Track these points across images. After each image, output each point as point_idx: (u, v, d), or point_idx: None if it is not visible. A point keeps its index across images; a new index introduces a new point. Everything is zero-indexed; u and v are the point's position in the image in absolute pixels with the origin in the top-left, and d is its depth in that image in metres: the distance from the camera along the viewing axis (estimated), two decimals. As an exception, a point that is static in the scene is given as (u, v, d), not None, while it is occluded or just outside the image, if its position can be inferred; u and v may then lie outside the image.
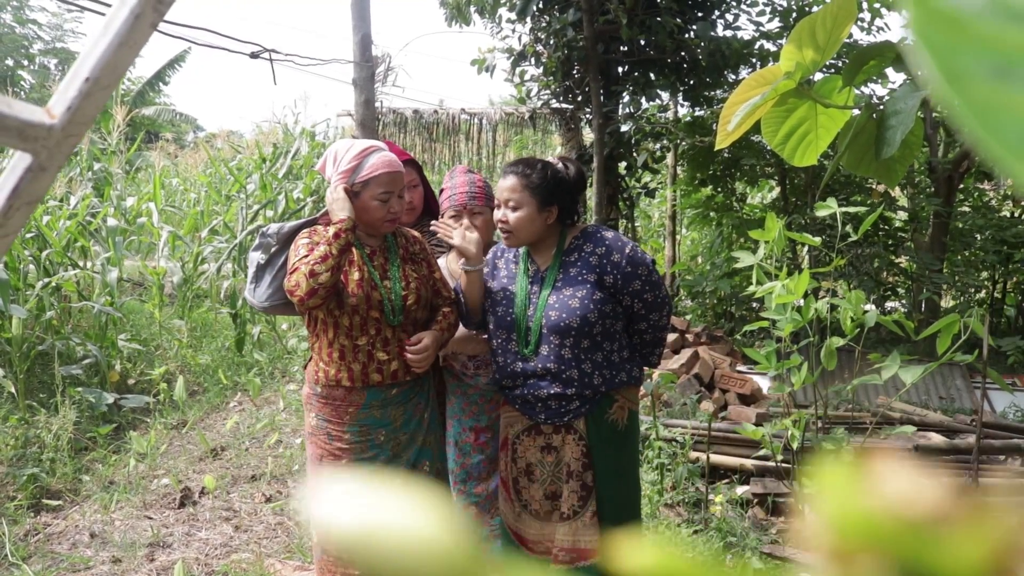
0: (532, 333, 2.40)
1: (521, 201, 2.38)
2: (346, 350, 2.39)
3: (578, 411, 2.41)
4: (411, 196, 2.96)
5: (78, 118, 0.54)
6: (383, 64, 7.31)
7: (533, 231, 2.41)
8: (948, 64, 0.22)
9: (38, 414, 4.84)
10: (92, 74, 0.53)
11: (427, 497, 0.22)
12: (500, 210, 2.42)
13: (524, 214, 2.38)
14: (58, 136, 0.54)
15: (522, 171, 2.39)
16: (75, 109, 0.54)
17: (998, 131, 0.21)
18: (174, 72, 20.37)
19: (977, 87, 0.21)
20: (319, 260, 2.29)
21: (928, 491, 0.21)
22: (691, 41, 7.97)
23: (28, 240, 6.09)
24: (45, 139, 0.53)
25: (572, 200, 2.48)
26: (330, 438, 2.43)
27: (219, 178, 9.86)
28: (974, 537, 0.21)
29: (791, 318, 3.24)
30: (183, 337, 7.01)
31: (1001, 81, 0.21)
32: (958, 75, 0.21)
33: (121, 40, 0.53)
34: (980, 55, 0.22)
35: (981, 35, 0.22)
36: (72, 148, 0.56)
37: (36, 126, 0.52)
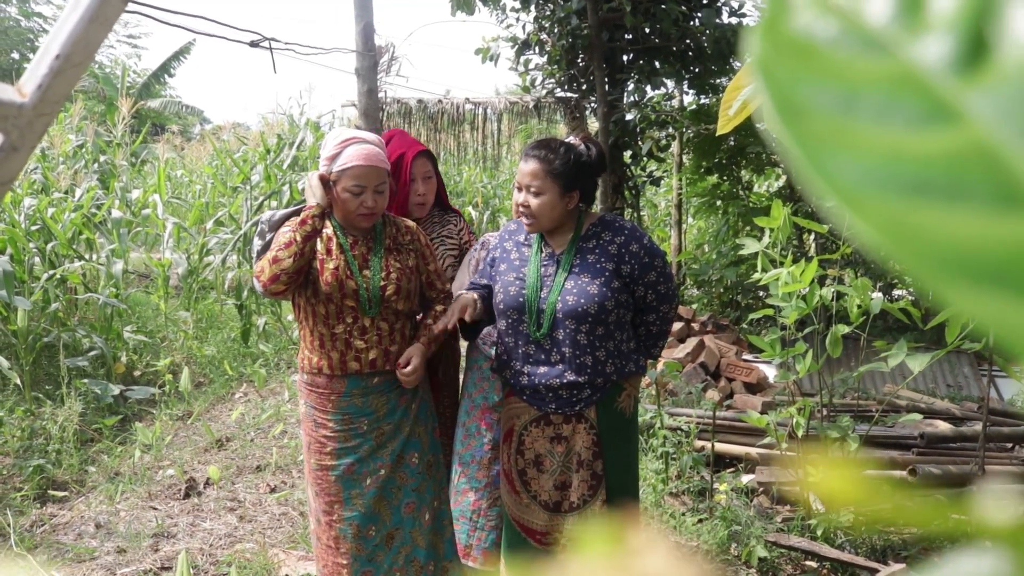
0: (545, 316, 2.38)
1: (543, 187, 2.35)
2: (325, 338, 2.39)
3: (589, 400, 2.40)
4: (425, 188, 2.89)
5: (49, 96, 0.53)
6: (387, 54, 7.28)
7: (555, 217, 2.39)
8: (786, 97, 0.20)
9: (44, 406, 4.85)
10: (63, 51, 0.52)
11: None
12: (521, 194, 2.39)
13: (546, 200, 2.36)
14: (29, 115, 0.52)
15: (545, 156, 2.36)
16: (46, 87, 0.52)
17: (830, 169, 0.19)
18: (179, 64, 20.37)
19: (815, 121, 0.20)
20: (283, 246, 2.29)
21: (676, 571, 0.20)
22: (696, 28, 7.91)
23: (33, 232, 6.09)
24: (16, 118, 0.52)
25: (593, 184, 2.46)
26: (316, 425, 2.43)
27: (224, 169, 9.86)
28: None
29: (796, 306, 3.22)
30: (188, 328, 7.02)
31: (844, 114, 0.20)
32: (796, 109, 0.20)
33: (92, 16, 0.52)
34: (825, 86, 0.20)
35: (830, 65, 0.21)
36: (45, 128, 0.54)
37: (6, 105, 0.51)
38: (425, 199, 2.90)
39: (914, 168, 0.19)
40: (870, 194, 0.19)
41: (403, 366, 2.40)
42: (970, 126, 0.19)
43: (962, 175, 0.18)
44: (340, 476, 2.40)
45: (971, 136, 0.18)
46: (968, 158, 0.18)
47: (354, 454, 2.41)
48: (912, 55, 0.20)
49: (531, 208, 2.37)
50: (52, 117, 0.54)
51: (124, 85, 9.87)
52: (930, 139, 0.19)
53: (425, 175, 2.89)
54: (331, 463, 2.41)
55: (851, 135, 0.19)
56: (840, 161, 0.19)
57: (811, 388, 5.45)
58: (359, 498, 2.40)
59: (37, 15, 19.92)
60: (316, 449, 2.43)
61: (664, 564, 0.21)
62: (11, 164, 0.54)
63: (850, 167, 0.19)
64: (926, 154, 0.19)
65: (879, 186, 0.19)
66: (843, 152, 0.19)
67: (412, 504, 2.46)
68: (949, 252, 0.18)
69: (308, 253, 2.31)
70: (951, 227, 0.18)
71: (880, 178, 0.19)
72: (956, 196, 0.18)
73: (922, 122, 0.19)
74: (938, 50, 0.20)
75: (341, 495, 2.40)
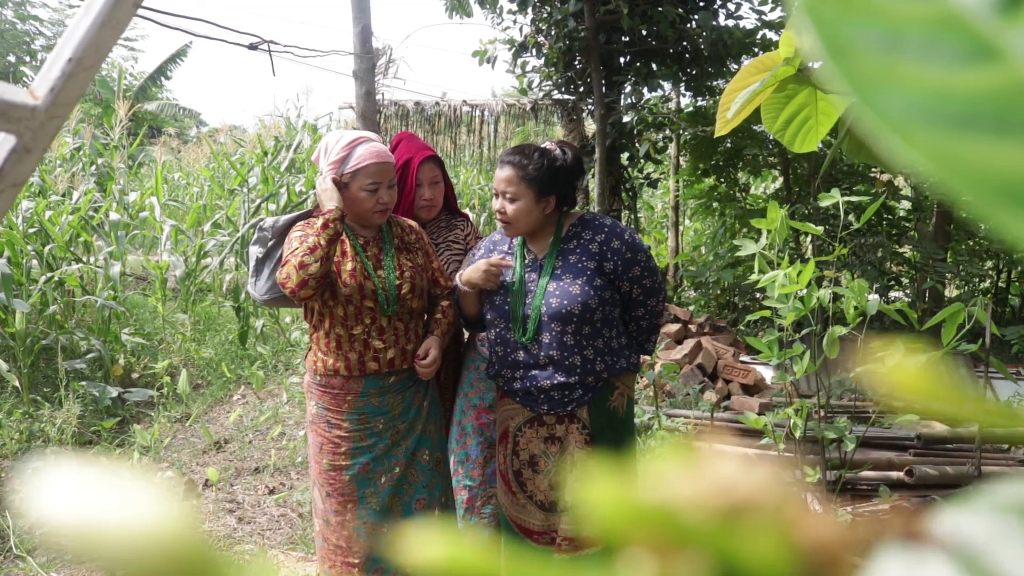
0: (530, 321, 2.40)
1: (518, 193, 2.36)
2: (342, 339, 2.40)
3: (581, 400, 2.41)
4: (432, 192, 2.89)
5: (61, 99, 0.54)
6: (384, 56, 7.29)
7: (531, 222, 2.40)
8: (834, 37, 0.21)
9: (42, 408, 4.85)
10: (75, 54, 0.53)
11: (155, 486, 0.21)
12: (498, 200, 2.41)
13: (522, 205, 2.37)
14: (42, 117, 0.53)
15: (518, 162, 2.37)
16: (58, 90, 0.53)
17: (882, 105, 0.20)
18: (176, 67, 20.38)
19: (862, 58, 0.21)
20: (308, 251, 2.29)
21: (742, 482, 0.21)
22: (693, 31, 7.93)
23: (31, 235, 6.10)
24: (29, 120, 0.53)
25: (570, 187, 2.47)
26: (329, 426, 2.44)
27: (221, 172, 9.86)
28: (783, 530, 0.21)
29: (793, 307, 3.23)
30: (186, 331, 7.02)
31: (888, 53, 0.21)
32: (844, 48, 0.21)
33: (103, 20, 0.53)
34: (868, 27, 0.21)
35: (874, 5, 0.21)
36: (56, 130, 0.55)
37: (19, 107, 0.52)
38: (431, 203, 2.90)
39: (959, 103, 0.20)
40: (919, 127, 0.20)
41: (421, 358, 2.43)
42: (1012, 64, 0.20)
43: (1005, 110, 0.19)
44: (355, 476, 2.42)
45: (1013, 73, 0.19)
46: (1011, 94, 0.19)
47: (369, 453, 2.42)
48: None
49: (507, 213, 2.38)
50: (64, 119, 0.55)
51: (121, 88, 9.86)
52: (973, 76, 0.20)
53: (432, 180, 2.89)
54: (345, 463, 2.42)
55: (897, 72, 0.20)
56: (889, 97, 0.20)
57: (808, 389, 5.47)
58: (374, 496, 2.42)
59: (33, 18, 19.90)
60: (329, 450, 2.44)
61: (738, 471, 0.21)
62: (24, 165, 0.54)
63: (898, 102, 0.20)
64: (970, 91, 0.20)
65: (927, 120, 0.20)
66: (891, 88, 0.20)
67: (423, 500, 2.49)
68: (996, 180, 0.19)
69: (332, 257, 2.34)
70: (997, 157, 0.19)
71: (927, 112, 0.20)
72: (1000, 129, 0.19)
73: (965, 60, 0.20)
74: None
75: (355, 494, 2.42)
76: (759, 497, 0.21)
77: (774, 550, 0.20)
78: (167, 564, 0.19)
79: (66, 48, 0.54)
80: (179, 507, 0.20)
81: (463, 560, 0.21)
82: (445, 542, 0.21)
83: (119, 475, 0.20)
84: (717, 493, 0.21)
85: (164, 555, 0.19)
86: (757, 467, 0.21)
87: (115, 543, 0.19)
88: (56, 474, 0.20)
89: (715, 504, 0.21)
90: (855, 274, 7.28)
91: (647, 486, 0.21)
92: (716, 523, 0.20)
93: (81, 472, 0.21)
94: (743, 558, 0.20)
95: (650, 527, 0.20)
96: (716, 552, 0.20)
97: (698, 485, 0.21)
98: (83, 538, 0.19)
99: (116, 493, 0.20)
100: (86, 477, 0.20)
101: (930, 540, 0.20)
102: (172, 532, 0.20)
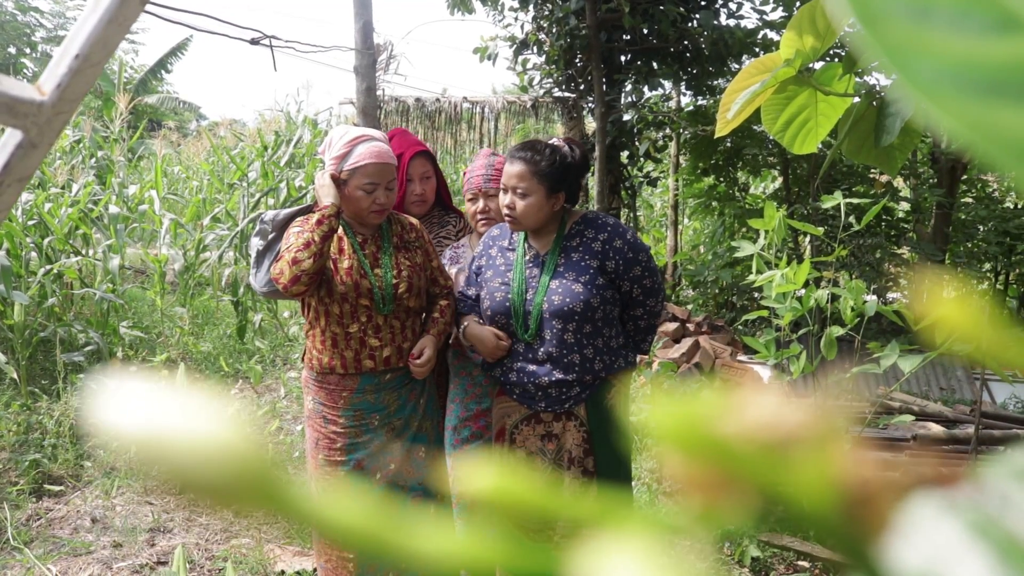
0: (532, 317, 2.40)
1: (530, 189, 2.36)
2: (338, 337, 2.41)
3: (578, 397, 2.42)
4: (423, 187, 2.91)
5: (68, 95, 0.54)
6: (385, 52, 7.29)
7: (540, 218, 2.40)
8: (866, 6, 0.22)
9: (40, 400, 4.86)
10: (82, 51, 0.53)
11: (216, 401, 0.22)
12: (507, 195, 2.40)
13: (532, 201, 2.36)
14: (48, 113, 0.54)
15: (531, 157, 2.36)
16: (65, 86, 0.54)
17: (914, 71, 0.21)
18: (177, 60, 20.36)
19: (894, 28, 0.21)
20: (302, 247, 2.30)
21: (784, 416, 0.22)
22: (694, 30, 7.94)
23: (30, 227, 6.09)
24: (35, 116, 0.53)
25: (577, 185, 2.48)
26: (325, 421, 2.44)
27: (221, 166, 9.85)
28: (827, 462, 0.21)
29: (791, 307, 3.24)
30: (185, 324, 7.02)
31: (919, 22, 0.21)
32: (876, 16, 0.22)
33: (111, 17, 0.53)
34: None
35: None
36: (63, 125, 0.56)
37: (26, 102, 0.53)
38: (423, 198, 2.92)
39: (987, 72, 0.20)
40: (950, 94, 0.20)
41: (415, 357, 2.42)
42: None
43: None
44: (350, 471, 2.43)
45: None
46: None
47: (364, 449, 2.43)
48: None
49: (516, 210, 2.37)
50: (70, 115, 0.56)
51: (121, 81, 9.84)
52: (1000, 47, 0.20)
53: (423, 175, 2.91)
54: (340, 459, 2.43)
55: (928, 41, 0.21)
56: (920, 63, 0.21)
57: (806, 390, 5.48)
58: (368, 493, 2.43)
59: (34, 9, 19.88)
60: (325, 445, 2.45)
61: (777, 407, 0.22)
62: (30, 160, 0.55)
63: (929, 69, 0.21)
64: (998, 60, 0.20)
65: (956, 87, 0.20)
66: (922, 56, 0.21)
67: (419, 497, 2.49)
68: (1021, 144, 0.20)
69: (326, 253, 2.33)
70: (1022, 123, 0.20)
71: (957, 80, 0.20)
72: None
73: (992, 31, 0.21)
74: None
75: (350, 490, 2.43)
76: (805, 433, 0.22)
77: (819, 484, 0.21)
78: (230, 477, 0.20)
79: (73, 44, 0.54)
80: (241, 424, 0.21)
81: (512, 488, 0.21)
82: (495, 472, 0.21)
83: (183, 391, 0.21)
84: (765, 428, 0.21)
85: (226, 468, 0.20)
86: (802, 406, 0.22)
87: (178, 456, 0.20)
88: (121, 388, 0.21)
89: (764, 438, 0.21)
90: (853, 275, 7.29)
91: (707, 419, 0.22)
92: (765, 456, 0.21)
93: (145, 386, 0.21)
94: (790, 491, 0.21)
95: (709, 457, 0.21)
96: (765, 484, 0.21)
97: (746, 420, 0.22)
98: (148, 450, 0.20)
99: (180, 407, 0.21)
100: (150, 391, 0.21)
101: (961, 490, 0.21)
102: (234, 447, 0.20)
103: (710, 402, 0.22)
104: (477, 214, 2.73)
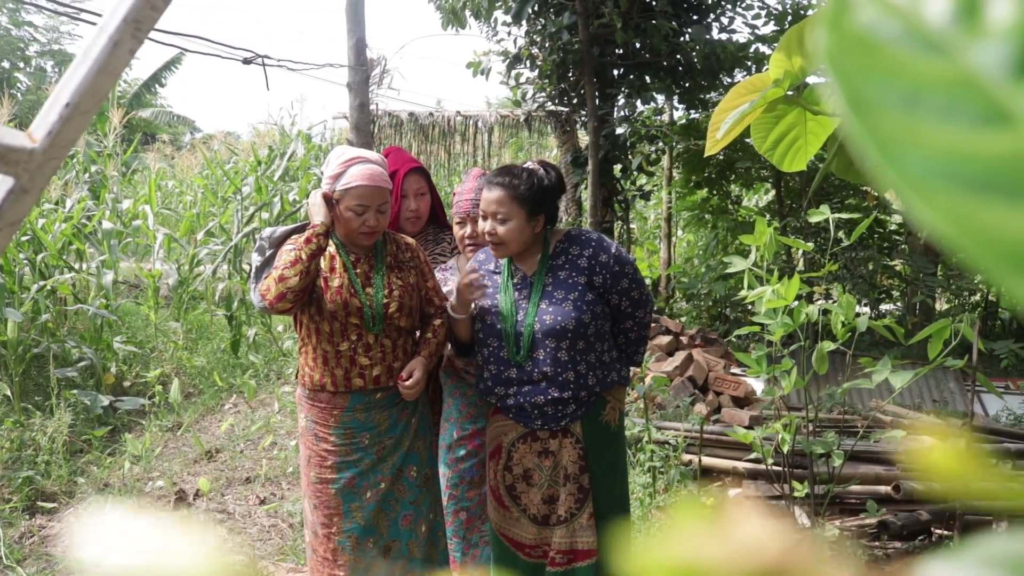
0: (523, 339, 2.41)
1: (510, 213, 2.38)
2: (328, 355, 2.41)
3: (575, 415, 2.43)
4: (417, 204, 2.93)
5: (59, 142, 0.55)
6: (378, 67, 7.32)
7: (523, 241, 2.42)
8: (856, 91, 0.21)
9: (33, 417, 4.85)
10: (72, 99, 0.55)
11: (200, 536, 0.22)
12: (487, 222, 2.41)
13: (514, 225, 2.39)
14: (39, 159, 0.55)
15: (509, 183, 2.39)
16: (56, 133, 0.55)
17: (901, 164, 0.20)
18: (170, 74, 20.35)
19: (883, 116, 0.21)
20: (289, 264, 2.31)
21: (773, 540, 0.21)
22: (686, 44, 7.99)
23: (23, 243, 6.09)
24: (27, 163, 0.55)
25: (555, 206, 2.51)
26: (317, 439, 2.45)
27: (215, 180, 9.86)
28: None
29: (782, 322, 3.25)
30: (179, 339, 7.02)
31: (909, 111, 0.21)
32: (865, 103, 0.21)
33: (100, 67, 0.55)
34: (890, 83, 0.21)
35: (894, 63, 0.21)
36: (53, 171, 0.57)
37: (18, 150, 0.54)
38: (417, 215, 2.94)
39: (976, 166, 0.20)
40: (937, 188, 0.20)
41: (405, 379, 2.43)
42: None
43: (1019, 175, 0.19)
44: (340, 489, 2.43)
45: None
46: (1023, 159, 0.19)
47: (355, 468, 2.43)
48: (970, 59, 0.21)
49: (498, 235, 2.39)
50: (60, 161, 0.57)
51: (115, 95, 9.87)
52: (989, 140, 0.20)
53: (417, 191, 2.93)
54: (332, 476, 2.43)
55: (917, 132, 0.20)
56: (908, 155, 0.20)
57: (799, 402, 5.49)
58: (359, 511, 2.43)
59: (28, 24, 19.90)
60: (316, 463, 2.45)
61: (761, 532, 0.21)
62: (21, 205, 0.56)
63: (918, 161, 0.20)
64: (986, 154, 0.20)
65: (945, 181, 0.20)
66: (910, 147, 0.20)
67: (410, 516, 2.49)
68: (1011, 246, 0.19)
69: (314, 271, 2.34)
70: (1009, 222, 0.19)
71: (946, 174, 0.20)
72: (1014, 194, 0.19)
73: (981, 123, 0.20)
74: (995, 56, 0.21)
75: (341, 508, 2.43)
76: (788, 561, 0.21)
77: None
78: None
79: (63, 93, 0.56)
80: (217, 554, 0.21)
81: None
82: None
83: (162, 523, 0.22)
84: (747, 554, 0.21)
85: None
86: (784, 527, 0.22)
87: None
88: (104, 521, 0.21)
89: (745, 566, 0.21)
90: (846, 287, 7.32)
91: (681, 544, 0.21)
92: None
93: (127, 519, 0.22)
94: None
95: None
96: None
97: (729, 545, 0.21)
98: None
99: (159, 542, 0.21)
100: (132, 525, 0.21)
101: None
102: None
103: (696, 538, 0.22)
104: (465, 239, 2.75)
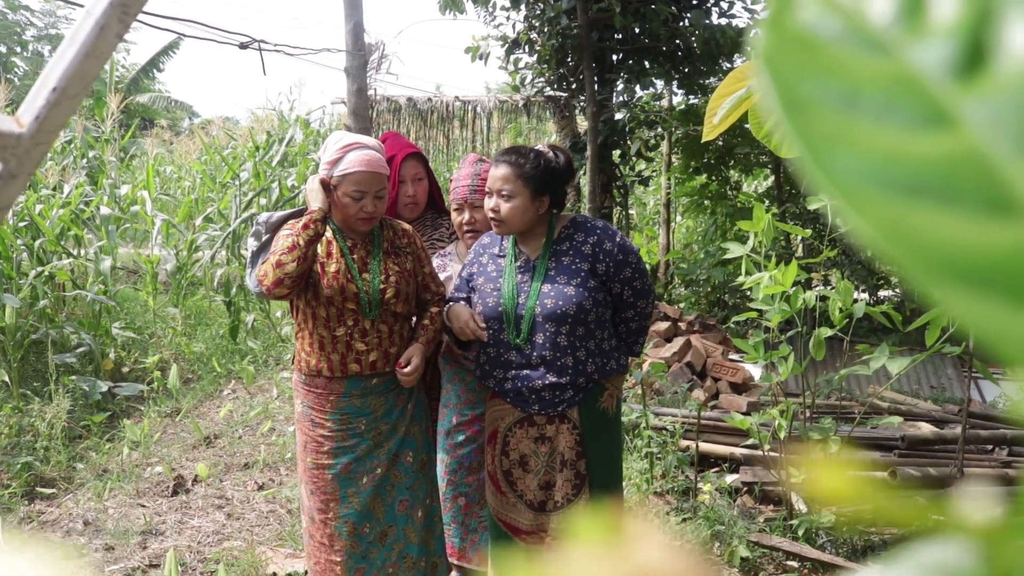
0: (524, 322, 2.41)
1: (514, 191, 2.39)
2: (325, 340, 2.42)
3: (572, 400, 2.43)
4: (415, 190, 2.93)
5: (46, 127, 0.55)
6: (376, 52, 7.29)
7: (525, 221, 2.43)
8: (790, 90, 0.20)
9: (32, 402, 4.86)
10: (59, 84, 0.54)
11: None
12: (492, 199, 2.43)
13: (517, 204, 2.40)
14: (27, 144, 0.55)
15: (515, 160, 2.40)
16: (43, 118, 0.55)
17: (830, 164, 0.19)
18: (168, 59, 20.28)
19: (818, 116, 0.20)
20: (287, 250, 2.31)
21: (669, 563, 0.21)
22: (685, 29, 7.95)
23: (21, 229, 6.08)
24: (14, 147, 0.54)
25: (562, 190, 2.50)
26: (313, 425, 2.46)
27: (213, 166, 9.84)
28: None
29: (780, 308, 3.26)
30: (177, 325, 7.02)
31: (845, 110, 0.20)
32: (800, 103, 0.20)
33: (87, 51, 0.54)
34: (827, 82, 0.20)
35: (832, 61, 0.21)
36: (42, 156, 0.57)
37: (5, 135, 0.54)
38: (415, 200, 2.94)
39: (911, 170, 0.19)
40: (868, 192, 0.19)
41: (403, 366, 2.43)
42: (964, 132, 0.19)
43: (955, 180, 0.19)
44: (337, 475, 2.43)
45: (965, 142, 0.19)
46: (961, 164, 0.19)
47: (351, 453, 2.44)
48: (912, 58, 0.20)
49: (501, 212, 2.41)
50: (49, 145, 0.57)
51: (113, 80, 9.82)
52: (926, 142, 0.19)
53: (415, 177, 2.93)
54: (328, 462, 2.44)
55: (851, 132, 0.20)
56: (840, 157, 0.19)
57: (797, 388, 5.50)
58: (355, 496, 2.44)
59: (24, 8, 19.80)
60: (313, 448, 2.46)
61: (658, 555, 0.21)
62: (9, 191, 0.56)
63: (850, 164, 0.19)
64: (922, 157, 0.19)
65: (877, 185, 0.19)
66: (843, 148, 0.20)
67: (406, 502, 2.50)
68: (941, 254, 0.18)
69: (311, 257, 2.34)
70: (943, 230, 0.18)
71: (878, 177, 0.19)
72: (949, 200, 0.19)
73: (919, 125, 0.19)
74: (937, 55, 0.20)
75: (337, 493, 2.44)
76: None
77: None
78: None
79: (51, 77, 0.55)
80: None
81: None
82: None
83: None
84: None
85: None
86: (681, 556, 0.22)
87: None
88: None
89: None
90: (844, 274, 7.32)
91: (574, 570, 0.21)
92: None
93: None
94: None
95: None
96: None
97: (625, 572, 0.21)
98: None
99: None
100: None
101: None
102: None
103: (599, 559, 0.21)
104: (463, 225, 2.75)
